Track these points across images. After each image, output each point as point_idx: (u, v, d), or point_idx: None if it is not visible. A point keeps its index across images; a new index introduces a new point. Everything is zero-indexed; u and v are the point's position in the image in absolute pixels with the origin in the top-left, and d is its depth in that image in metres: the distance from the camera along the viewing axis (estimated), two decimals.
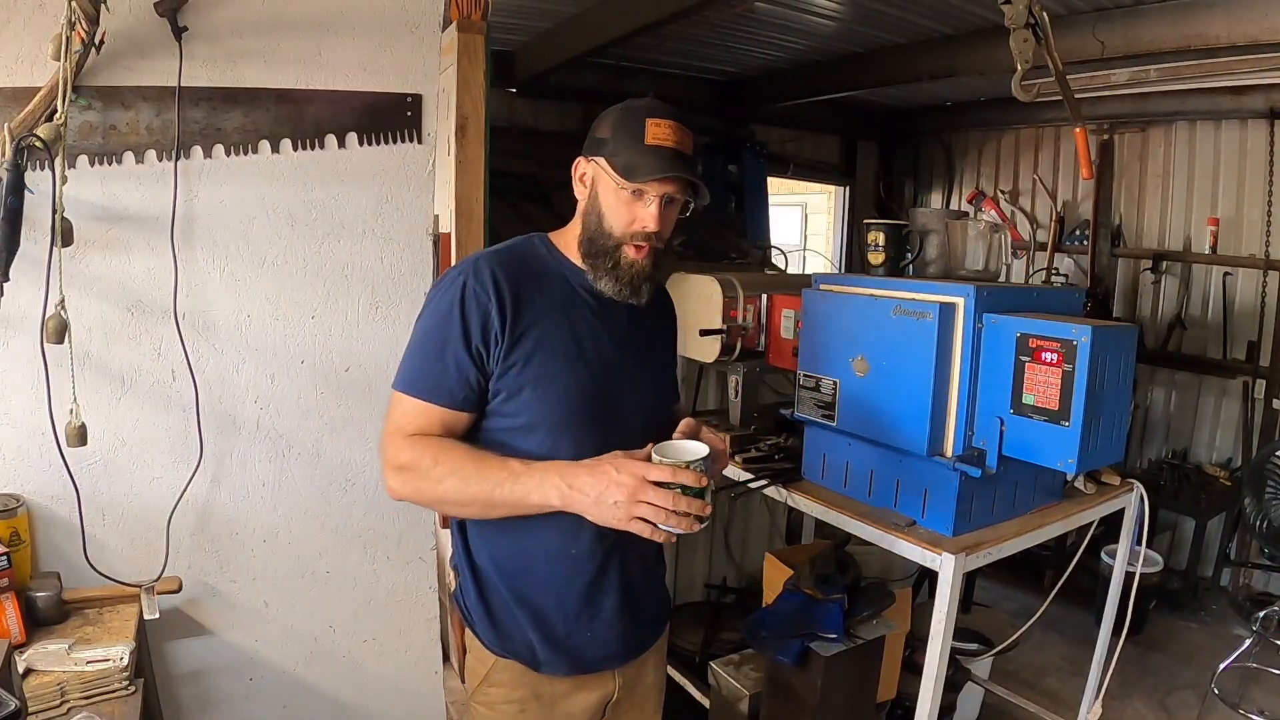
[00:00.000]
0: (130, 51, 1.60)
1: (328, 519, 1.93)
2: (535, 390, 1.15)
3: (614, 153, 1.15)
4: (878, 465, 1.79)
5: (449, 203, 2.09)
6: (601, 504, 1.04)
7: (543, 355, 1.16)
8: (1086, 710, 2.12)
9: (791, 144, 5.16)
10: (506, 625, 1.24)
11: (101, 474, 1.70)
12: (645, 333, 1.31)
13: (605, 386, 1.21)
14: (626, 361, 1.24)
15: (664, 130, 1.14)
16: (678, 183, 1.16)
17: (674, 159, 1.13)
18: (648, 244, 1.17)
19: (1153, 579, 3.37)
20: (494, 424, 1.18)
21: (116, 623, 1.60)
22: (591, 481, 1.04)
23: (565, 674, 1.26)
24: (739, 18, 3.29)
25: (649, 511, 1.02)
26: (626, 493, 1.02)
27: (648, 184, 1.13)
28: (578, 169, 1.22)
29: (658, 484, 1.02)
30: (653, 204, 1.15)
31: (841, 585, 1.82)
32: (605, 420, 1.19)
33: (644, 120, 1.14)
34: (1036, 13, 1.71)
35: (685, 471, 1.03)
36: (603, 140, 1.17)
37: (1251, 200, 3.83)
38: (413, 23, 1.84)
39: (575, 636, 1.24)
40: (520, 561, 1.22)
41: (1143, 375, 4.06)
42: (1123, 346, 1.56)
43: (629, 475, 1.02)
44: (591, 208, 1.19)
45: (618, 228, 1.16)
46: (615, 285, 1.18)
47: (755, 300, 2.22)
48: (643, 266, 1.18)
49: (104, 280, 1.66)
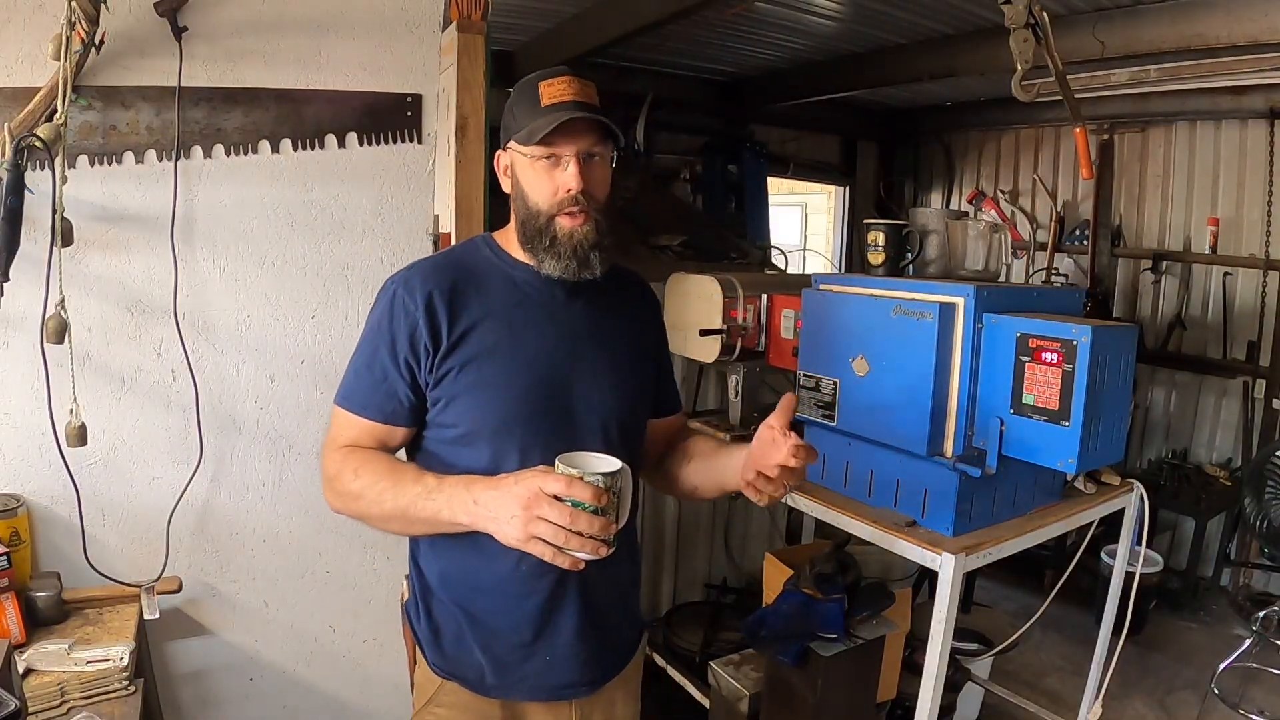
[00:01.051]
0: (130, 51, 1.61)
1: (328, 519, 1.92)
2: (471, 396, 1.08)
3: (517, 127, 1.08)
4: (878, 465, 1.79)
5: (449, 203, 2.08)
6: (499, 520, 0.94)
7: (481, 359, 1.09)
8: (1086, 710, 2.11)
9: (791, 144, 5.16)
10: (454, 646, 1.17)
11: (101, 474, 1.70)
12: (610, 330, 1.20)
13: (553, 390, 1.12)
14: (584, 363, 1.14)
15: (558, 87, 1.07)
16: (591, 135, 1.07)
17: (575, 108, 1.05)
18: (580, 208, 1.08)
19: (1153, 579, 3.37)
20: (433, 435, 1.12)
21: (116, 623, 1.60)
22: (493, 495, 0.95)
23: (516, 699, 1.17)
24: (739, 18, 3.29)
25: (546, 530, 0.90)
26: (521, 504, 0.91)
27: (556, 144, 1.05)
28: (499, 163, 1.16)
29: (558, 499, 0.90)
30: (570, 163, 1.06)
31: (841, 585, 1.82)
32: (557, 429, 1.10)
33: (537, 85, 1.08)
34: (1036, 13, 1.71)
35: (581, 485, 0.90)
36: (507, 123, 1.12)
37: (1251, 200, 3.83)
38: (413, 23, 1.84)
39: (531, 662, 1.15)
40: (470, 578, 1.14)
41: (1143, 375, 4.05)
42: (1123, 346, 1.56)
43: (525, 486, 0.92)
44: (517, 193, 1.12)
45: (544, 201, 1.08)
46: (559, 262, 1.09)
47: (755, 300, 2.22)
48: (584, 234, 1.09)
49: (104, 280, 1.66)
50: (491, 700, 1.16)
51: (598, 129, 1.08)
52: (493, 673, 1.15)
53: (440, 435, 1.12)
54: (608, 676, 1.23)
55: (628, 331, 1.24)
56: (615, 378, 1.18)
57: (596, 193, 1.10)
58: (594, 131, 1.08)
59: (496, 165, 1.17)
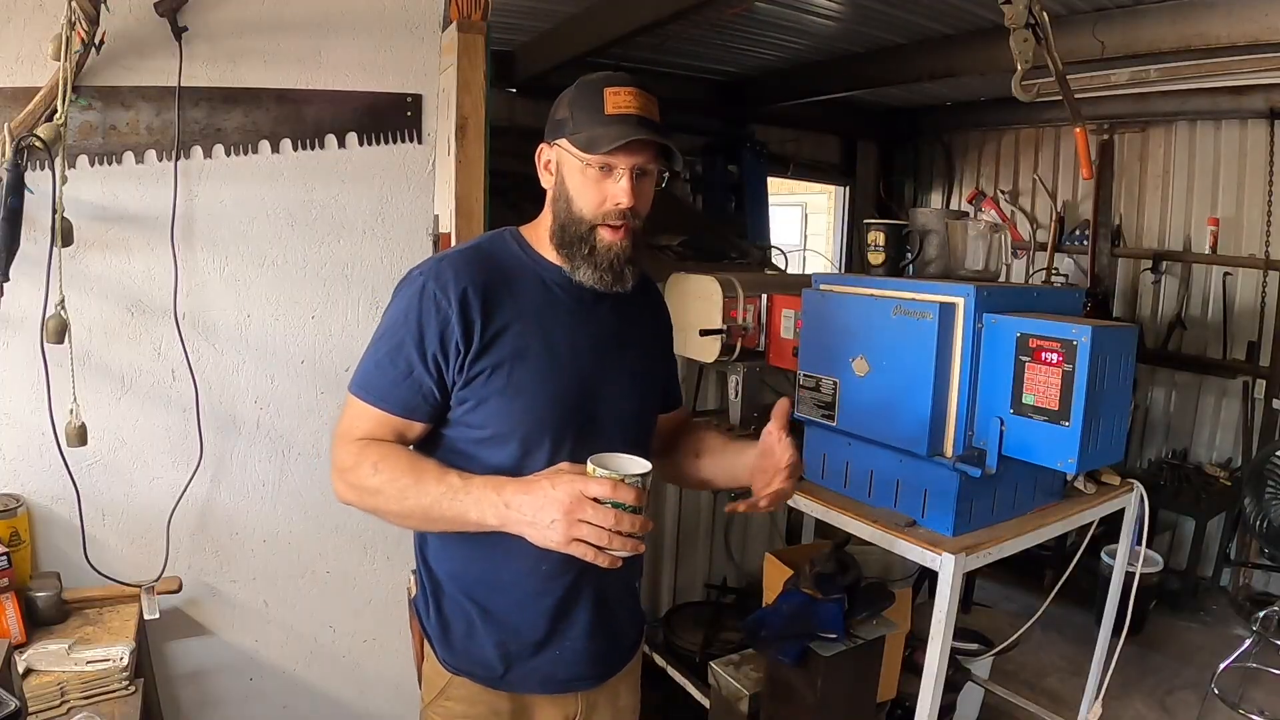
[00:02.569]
0: (130, 51, 1.61)
1: (328, 519, 1.92)
2: (504, 400, 1.08)
3: (575, 130, 1.06)
4: (878, 465, 1.79)
5: (449, 203, 2.08)
6: (538, 524, 0.94)
7: (513, 363, 1.08)
8: (1086, 710, 2.11)
9: (791, 144, 5.16)
10: (464, 641, 1.17)
11: (101, 474, 1.70)
12: (632, 334, 1.21)
13: (582, 394, 1.12)
14: (608, 366, 1.16)
15: (624, 98, 1.04)
16: (647, 151, 1.06)
17: (639, 126, 1.04)
18: (624, 223, 1.07)
19: (1153, 579, 3.37)
20: (459, 434, 1.11)
21: (116, 623, 1.60)
22: (528, 499, 0.95)
23: (526, 692, 1.19)
24: (739, 18, 3.29)
25: (589, 532, 0.92)
26: (563, 509, 0.92)
27: (614, 155, 1.04)
28: (541, 156, 1.13)
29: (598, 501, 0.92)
30: (623, 177, 1.05)
31: (841, 585, 1.82)
32: (582, 431, 1.11)
33: (602, 90, 1.05)
34: (1036, 13, 1.71)
35: (624, 487, 0.92)
36: (562, 121, 1.09)
37: (1251, 200, 3.83)
38: (413, 23, 1.84)
39: (542, 655, 1.17)
40: (484, 575, 1.15)
41: (1143, 375, 4.05)
42: (1123, 346, 1.56)
43: (565, 491, 0.92)
44: (560, 194, 1.10)
45: (589, 209, 1.07)
46: (595, 273, 1.09)
47: (755, 300, 2.22)
48: (622, 248, 1.09)
49: (104, 280, 1.66)
50: (500, 693, 1.18)
51: (655, 146, 1.07)
52: (503, 667, 1.16)
53: (466, 434, 1.11)
54: (614, 670, 1.26)
55: (647, 334, 1.27)
56: (637, 381, 1.20)
57: (641, 209, 1.09)
58: (652, 149, 1.07)
59: (538, 158, 1.14)
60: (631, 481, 0.93)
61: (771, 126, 4.94)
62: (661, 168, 1.10)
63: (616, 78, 1.07)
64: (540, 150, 1.14)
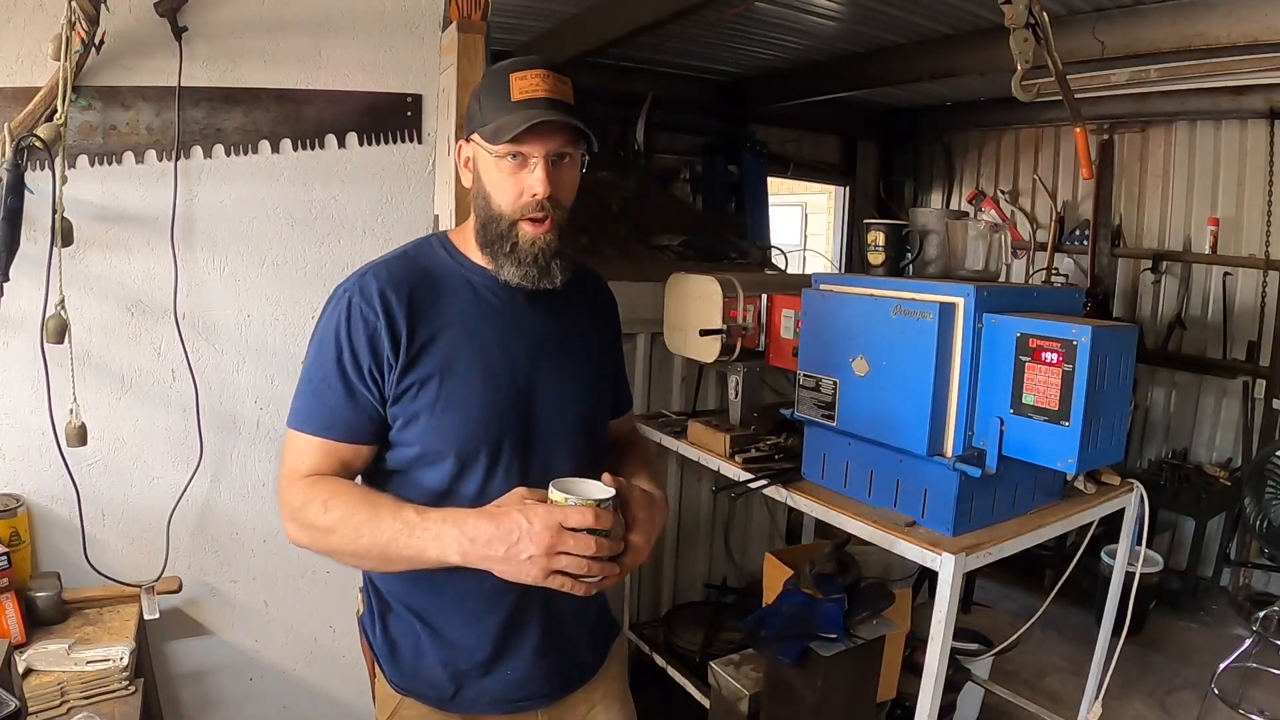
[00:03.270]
0: (130, 51, 1.61)
1: None
2: (433, 416, 1.02)
3: (484, 121, 1.01)
4: (878, 465, 1.79)
5: (449, 203, 2.08)
6: (512, 560, 0.89)
7: (442, 375, 1.02)
8: (1086, 710, 2.11)
9: (791, 144, 5.16)
10: (412, 661, 1.13)
11: (101, 474, 1.70)
12: (573, 335, 1.15)
13: (519, 405, 1.07)
14: (547, 373, 1.10)
15: (530, 81, 0.98)
16: (561, 135, 0.99)
17: (548, 108, 0.97)
18: (546, 214, 1.01)
19: (1153, 579, 3.37)
20: (395, 454, 1.06)
21: (116, 623, 1.60)
22: (498, 534, 0.90)
23: (479, 713, 1.13)
24: (739, 18, 3.30)
25: (569, 563, 0.88)
26: (543, 546, 0.88)
27: (523, 143, 0.98)
28: (460, 154, 1.08)
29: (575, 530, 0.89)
30: (538, 166, 0.99)
31: (841, 585, 1.82)
32: (521, 444, 1.06)
33: (508, 75, 0.99)
34: (1036, 13, 1.71)
35: (604, 513, 0.89)
36: (473, 114, 1.03)
37: (1251, 200, 3.83)
38: (413, 23, 1.84)
39: (492, 675, 1.12)
40: (429, 595, 1.10)
41: (1143, 375, 4.06)
42: (1123, 346, 1.56)
43: (543, 526, 0.88)
44: (478, 191, 1.05)
45: (507, 204, 1.02)
46: (519, 269, 1.03)
47: (755, 300, 2.22)
48: (547, 242, 1.02)
49: (104, 280, 1.66)
50: (451, 715, 1.13)
51: (570, 129, 1.00)
52: (453, 688, 1.12)
53: (400, 455, 1.06)
54: (574, 686, 1.21)
55: (589, 334, 1.19)
56: (579, 386, 1.14)
57: (563, 198, 1.04)
58: (565, 132, 1.00)
59: (457, 156, 1.09)
60: (605, 506, 0.91)
61: (771, 126, 4.95)
62: (582, 151, 1.04)
63: (523, 61, 1.01)
64: (459, 148, 1.09)
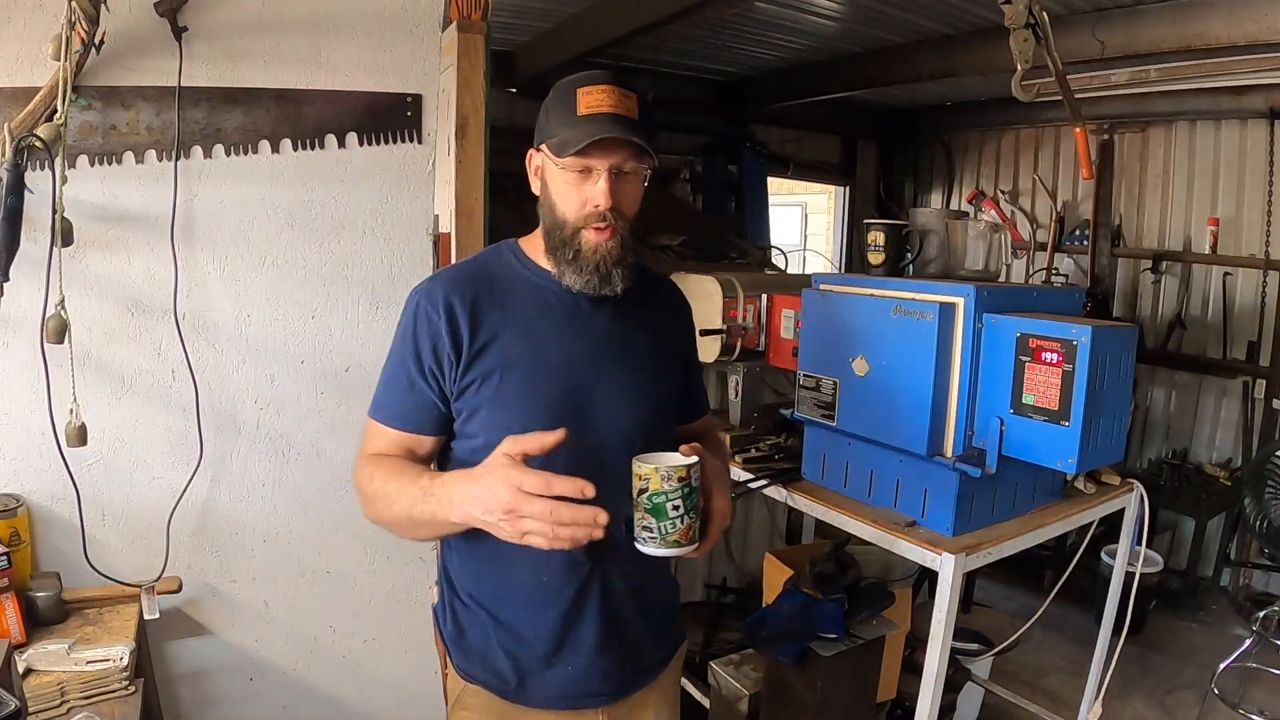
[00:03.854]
0: (130, 51, 1.61)
1: (327, 519, 1.93)
2: (492, 410, 1.08)
3: (551, 133, 1.05)
4: (878, 465, 1.79)
5: (449, 203, 2.08)
6: (490, 519, 0.92)
7: (502, 372, 1.08)
8: (1086, 710, 2.11)
9: (791, 144, 5.16)
10: (480, 650, 1.18)
11: (101, 474, 1.70)
12: (638, 340, 1.18)
13: (575, 403, 1.10)
14: (606, 375, 1.13)
15: (597, 96, 1.03)
16: (624, 150, 1.04)
17: (611, 124, 1.02)
18: (608, 224, 1.06)
19: (1153, 579, 3.37)
20: (461, 445, 1.13)
21: (116, 623, 1.60)
22: (476, 495, 0.93)
23: (540, 707, 1.18)
24: (739, 18, 3.29)
25: (534, 525, 0.90)
26: (504, 507, 0.90)
27: (587, 156, 1.03)
28: (530, 162, 1.13)
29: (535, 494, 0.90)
30: (601, 178, 1.04)
31: (841, 585, 1.82)
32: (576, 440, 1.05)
33: (575, 91, 1.04)
34: (1036, 13, 1.71)
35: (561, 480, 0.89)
36: (541, 124, 1.08)
37: (1251, 200, 3.83)
38: (413, 23, 1.84)
39: (553, 670, 1.16)
40: (496, 587, 1.16)
41: (1143, 375, 4.05)
42: (1123, 346, 1.56)
43: (504, 487, 0.90)
44: (544, 199, 1.10)
45: (570, 213, 1.07)
46: (581, 276, 1.08)
47: (755, 300, 2.22)
48: (608, 249, 1.07)
49: (104, 280, 1.66)
50: (515, 706, 1.17)
51: (633, 144, 1.04)
52: (516, 678, 1.16)
53: (465, 446, 1.12)
54: (633, 688, 1.23)
55: (655, 339, 1.22)
56: (640, 388, 1.17)
57: (625, 209, 1.08)
58: (628, 147, 1.04)
59: (528, 163, 1.14)
60: (680, 474, 0.93)
61: (771, 126, 4.94)
62: (645, 167, 1.08)
63: (592, 76, 1.05)
64: (529, 156, 1.13)
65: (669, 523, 0.96)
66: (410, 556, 2.02)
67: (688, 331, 1.33)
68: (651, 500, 0.95)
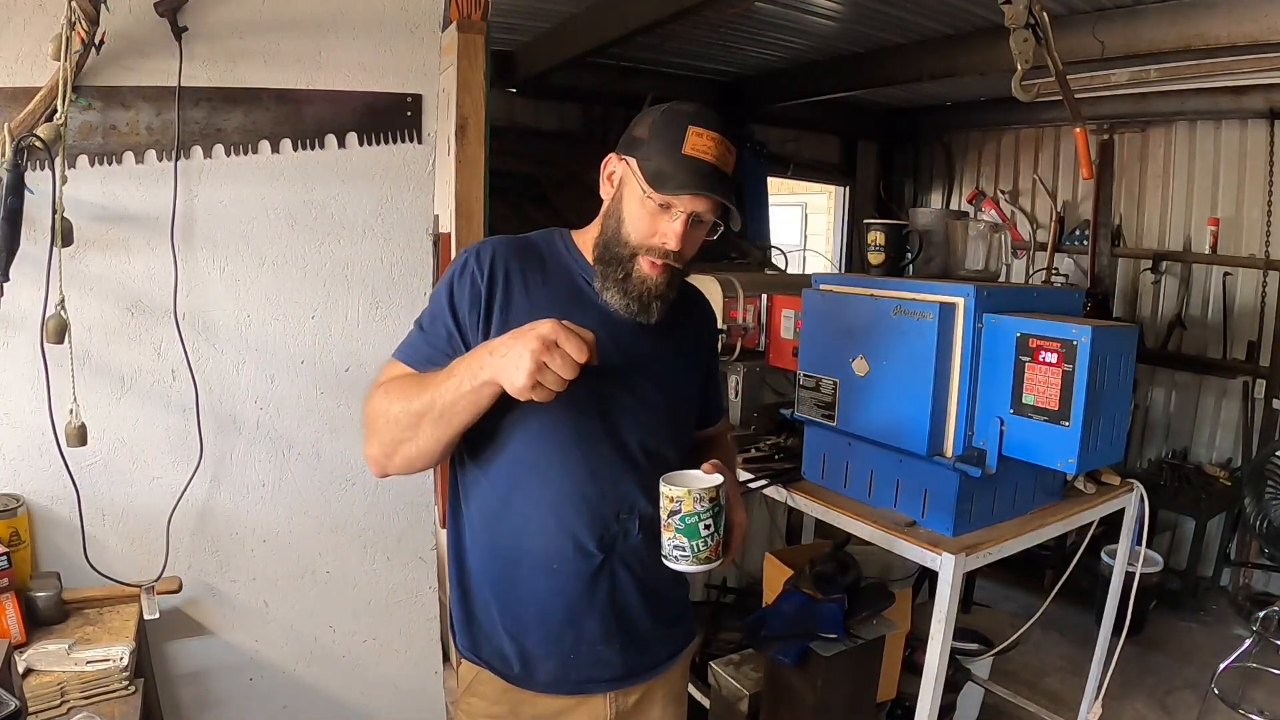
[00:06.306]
0: (130, 51, 1.60)
1: (328, 519, 1.92)
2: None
3: (647, 156, 1.06)
4: (878, 465, 1.79)
5: (449, 203, 2.09)
6: (510, 357, 0.92)
7: None
8: (1086, 710, 2.12)
9: (791, 144, 5.16)
10: (486, 632, 1.19)
11: (101, 474, 1.70)
12: (663, 347, 1.20)
13: (598, 393, 1.11)
14: (633, 373, 1.15)
15: (705, 142, 1.04)
16: (709, 201, 1.06)
17: (710, 176, 1.04)
18: (665, 262, 1.08)
19: (1153, 579, 3.37)
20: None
21: (116, 623, 1.60)
22: (510, 340, 0.93)
23: (545, 692, 1.19)
24: (739, 18, 3.29)
25: (550, 379, 0.91)
26: (545, 337, 0.90)
27: (677, 197, 1.04)
28: (607, 166, 1.14)
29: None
30: (679, 220, 1.06)
31: (841, 585, 1.82)
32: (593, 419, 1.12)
33: (686, 127, 1.04)
34: (1036, 13, 1.71)
35: (702, 494, 0.95)
36: (639, 140, 1.08)
37: (1251, 200, 3.83)
38: (413, 23, 1.84)
39: (556, 656, 1.17)
40: (504, 569, 1.17)
41: (1143, 375, 4.06)
42: (1123, 346, 1.56)
43: (549, 330, 0.91)
44: (613, 210, 1.11)
45: (636, 236, 1.08)
46: (622, 299, 1.10)
47: (755, 300, 2.23)
48: (656, 284, 1.09)
49: (104, 280, 1.66)
50: (522, 691, 1.19)
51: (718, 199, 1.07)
52: (520, 662, 1.18)
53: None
54: (638, 677, 1.25)
55: (680, 347, 1.25)
56: (659, 388, 1.18)
57: (687, 253, 1.10)
58: (715, 201, 1.07)
59: (603, 167, 1.14)
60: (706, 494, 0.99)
61: (771, 126, 4.94)
62: (717, 220, 1.10)
63: (704, 116, 1.06)
64: (608, 160, 1.14)
65: (700, 541, 1.00)
66: (410, 556, 2.03)
67: (712, 340, 1.36)
68: (684, 521, 0.98)
